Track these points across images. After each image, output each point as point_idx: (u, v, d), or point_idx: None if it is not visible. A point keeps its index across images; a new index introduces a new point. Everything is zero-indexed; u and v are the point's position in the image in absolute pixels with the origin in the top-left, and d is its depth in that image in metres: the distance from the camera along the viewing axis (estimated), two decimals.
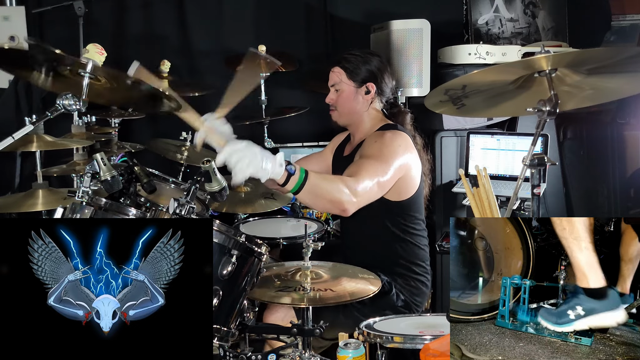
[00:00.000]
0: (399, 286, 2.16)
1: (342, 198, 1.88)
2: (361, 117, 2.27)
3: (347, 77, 2.23)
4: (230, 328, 1.71)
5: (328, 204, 1.91)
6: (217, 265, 1.63)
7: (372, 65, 2.24)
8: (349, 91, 2.24)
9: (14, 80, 3.22)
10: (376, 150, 2.08)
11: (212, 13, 3.50)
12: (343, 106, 2.26)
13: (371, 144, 2.12)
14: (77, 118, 2.82)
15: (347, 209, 1.91)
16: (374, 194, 2.01)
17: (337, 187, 1.89)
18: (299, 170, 1.82)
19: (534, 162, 1.62)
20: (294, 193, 1.85)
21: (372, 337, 1.68)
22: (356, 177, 1.94)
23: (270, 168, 1.73)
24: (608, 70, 1.64)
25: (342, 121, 2.31)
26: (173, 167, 2.91)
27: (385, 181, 2.03)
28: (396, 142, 2.11)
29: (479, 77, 1.69)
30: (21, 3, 3.35)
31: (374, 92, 2.23)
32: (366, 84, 2.23)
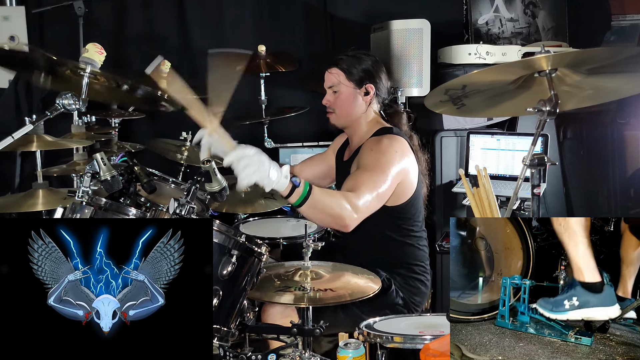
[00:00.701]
0: (398, 284, 2.16)
1: (343, 214, 1.90)
2: (359, 119, 2.25)
3: (346, 78, 2.21)
4: (230, 328, 1.71)
5: (329, 218, 1.92)
6: (217, 265, 1.63)
7: (369, 65, 2.23)
8: (348, 93, 2.22)
9: (14, 80, 3.22)
10: (373, 160, 2.07)
11: (212, 13, 3.50)
12: (342, 108, 2.24)
13: (367, 152, 2.12)
14: (77, 118, 2.82)
15: (348, 224, 1.93)
16: (374, 207, 2.02)
17: (339, 202, 1.90)
18: (304, 184, 1.83)
19: (534, 162, 1.62)
20: (297, 206, 1.86)
21: (372, 337, 1.68)
22: (357, 193, 1.95)
23: (276, 178, 1.74)
24: (608, 70, 1.64)
25: (340, 123, 2.30)
26: (173, 167, 2.90)
27: (384, 192, 2.04)
28: (392, 149, 2.10)
29: (479, 77, 1.69)
30: (21, 3, 3.35)
31: (373, 93, 2.22)
32: (365, 85, 2.22)
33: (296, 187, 1.81)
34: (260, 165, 1.70)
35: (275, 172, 1.74)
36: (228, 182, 1.81)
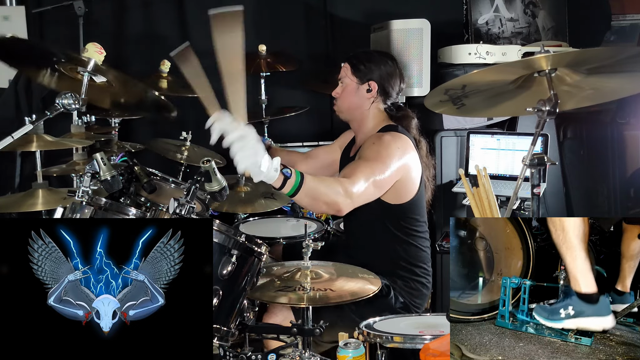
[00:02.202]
0: (399, 288, 2.16)
1: (337, 199, 1.92)
2: (362, 115, 2.27)
3: (351, 73, 2.25)
4: (230, 328, 1.71)
5: (324, 205, 1.94)
6: (217, 265, 1.63)
7: (379, 65, 2.24)
8: (351, 86, 2.26)
9: (13, 80, 3.22)
10: (373, 152, 2.09)
11: None
12: (343, 100, 2.28)
13: (369, 145, 2.13)
14: (76, 118, 2.81)
15: (342, 209, 1.95)
16: (371, 194, 2.02)
17: (333, 188, 1.92)
18: (295, 174, 1.84)
19: (534, 162, 1.62)
20: (291, 196, 1.86)
21: (372, 337, 1.68)
22: (351, 179, 1.97)
23: (266, 170, 1.73)
24: (608, 70, 1.64)
25: (342, 116, 2.33)
26: (173, 167, 2.91)
27: (382, 180, 2.04)
28: (394, 145, 2.11)
29: (479, 76, 1.69)
30: (21, 3, 3.34)
31: (375, 90, 2.23)
32: (368, 81, 2.23)
33: (288, 178, 1.81)
34: (254, 153, 1.70)
35: (266, 163, 1.73)
36: (228, 182, 1.81)
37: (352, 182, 1.95)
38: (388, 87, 2.25)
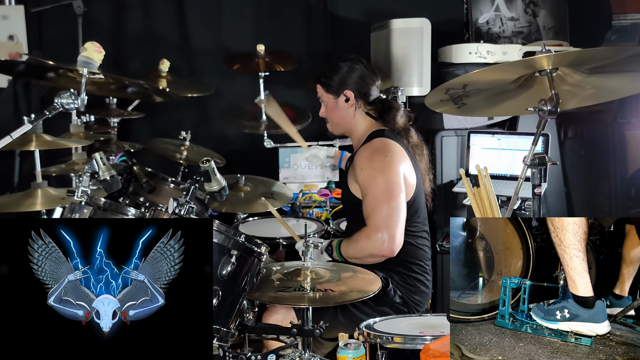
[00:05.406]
0: (396, 282, 2.16)
1: (375, 252, 2.06)
2: (351, 124, 2.31)
3: (325, 91, 2.30)
4: (230, 328, 1.71)
5: (369, 258, 2.08)
6: (217, 265, 1.63)
7: (343, 72, 2.27)
8: (331, 103, 2.30)
9: (12, 80, 3.22)
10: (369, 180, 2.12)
11: (212, 12, 3.49)
12: (330, 117, 2.35)
13: (359, 173, 2.15)
14: (75, 117, 2.81)
15: (385, 254, 2.07)
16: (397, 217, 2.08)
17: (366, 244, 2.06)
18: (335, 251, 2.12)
19: (534, 162, 1.61)
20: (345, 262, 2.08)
21: (372, 337, 1.68)
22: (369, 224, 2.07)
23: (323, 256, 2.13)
24: (609, 70, 1.64)
25: (337, 131, 2.39)
26: (172, 167, 2.90)
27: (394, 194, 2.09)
28: (386, 160, 2.13)
29: (480, 76, 1.69)
30: (20, 2, 3.34)
31: (352, 97, 2.26)
32: (343, 92, 2.26)
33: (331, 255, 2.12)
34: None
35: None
36: (227, 182, 1.81)
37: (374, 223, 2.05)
38: (364, 89, 2.27)
